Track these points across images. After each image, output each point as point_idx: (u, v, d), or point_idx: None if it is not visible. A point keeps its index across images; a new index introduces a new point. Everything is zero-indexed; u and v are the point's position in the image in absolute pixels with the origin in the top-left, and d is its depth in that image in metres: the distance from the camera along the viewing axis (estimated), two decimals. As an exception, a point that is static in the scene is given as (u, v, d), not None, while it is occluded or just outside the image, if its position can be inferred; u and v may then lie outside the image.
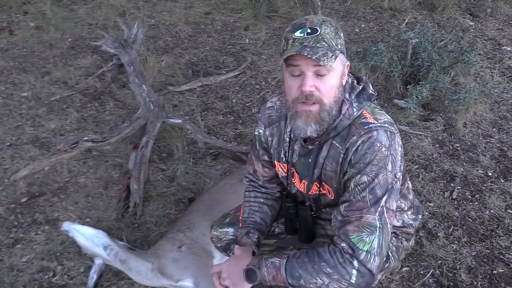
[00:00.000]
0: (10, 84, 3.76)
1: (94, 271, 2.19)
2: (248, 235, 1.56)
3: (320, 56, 1.20)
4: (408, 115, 3.32)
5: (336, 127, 1.34)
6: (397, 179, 1.32)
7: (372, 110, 1.36)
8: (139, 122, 2.96)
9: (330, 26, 1.27)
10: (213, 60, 4.16)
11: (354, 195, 1.29)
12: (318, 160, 1.41)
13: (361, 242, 1.25)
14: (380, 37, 4.47)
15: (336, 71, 1.28)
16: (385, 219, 1.28)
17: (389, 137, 1.30)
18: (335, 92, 1.30)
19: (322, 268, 1.28)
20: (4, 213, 2.59)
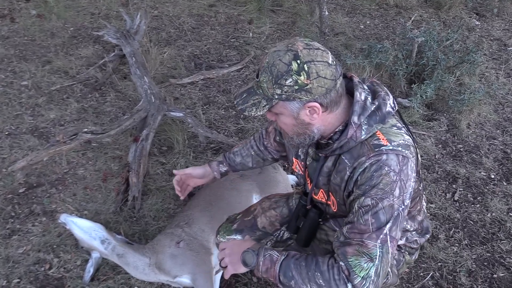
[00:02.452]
0: (10, 73, 3.72)
1: (90, 264, 2.16)
2: (220, 163, 1.79)
3: (247, 107, 1.25)
4: (412, 114, 3.29)
5: (342, 147, 1.28)
6: (404, 207, 1.25)
7: (388, 129, 1.27)
8: (139, 114, 2.93)
9: (269, 75, 1.19)
10: (216, 53, 4.12)
11: (357, 217, 1.24)
12: (323, 169, 1.38)
13: (358, 267, 1.21)
14: (385, 34, 4.42)
15: (283, 114, 1.27)
16: (387, 247, 1.22)
17: (400, 162, 1.23)
18: (292, 129, 1.30)
19: (316, 277, 1.25)
20: (1, 203, 2.56)
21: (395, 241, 1.24)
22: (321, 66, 1.18)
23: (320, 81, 1.19)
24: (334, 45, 4.18)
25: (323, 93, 1.20)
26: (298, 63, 1.17)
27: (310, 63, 1.18)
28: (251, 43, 4.26)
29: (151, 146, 2.88)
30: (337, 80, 1.22)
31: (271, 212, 1.76)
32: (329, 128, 1.30)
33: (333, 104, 1.24)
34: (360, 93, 1.27)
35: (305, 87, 1.18)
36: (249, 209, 1.83)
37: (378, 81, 1.37)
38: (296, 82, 1.18)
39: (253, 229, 1.75)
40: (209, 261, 2.08)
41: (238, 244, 1.46)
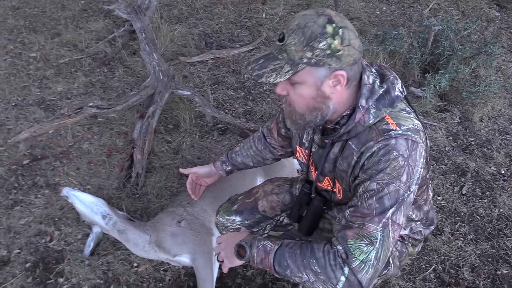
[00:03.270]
0: (19, 44, 3.70)
1: (91, 239, 2.16)
2: (223, 163, 1.82)
3: (264, 73, 1.16)
4: (424, 105, 3.22)
5: (350, 132, 1.24)
6: (410, 192, 1.21)
7: (397, 114, 1.23)
8: (147, 91, 2.89)
9: (301, 36, 1.12)
10: (227, 33, 4.06)
11: (361, 201, 1.20)
12: (329, 155, 1.34)
13: (358, 250, 1.17)
14: (401, 21, 4.32)
15: (305, 84, 1.18)
16: (388, 231, 1.19)
17: (409, 147, 1.18)
18: (308, 102, 1.21)
19: (311, 264, 1.21)
20: (4, 174, 2.56)
21: (396, 225, 1.20)
22: (352, 35, 1.14)
23: (350, 50, 1.13)
24: (348, 30, 4.08)
25: (350, 63, 1.15)
26: (333, 27, 1.11)
27: (344, 29, 1.12)
28: (264, 24, 4.18)
29: (157, 124, 2.85)
30: (361, 53, 1.17)
31: (273, 197, 1.73)
32: (340, 108, 1.25)
33: (353, 79, 1.20)
34: (368, 76, 1.23)
35: (337, 53, 1.12)
36: (251, 191, 1.81)
37: (386, 65, 1.32)
38: (329, 46, 1.11)
39: (253, 211, 1.72)
40: (209, 241, 2.06)
41: (233, 236, 1.44)
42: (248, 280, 2.10)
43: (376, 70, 1.29)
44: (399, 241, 1.53)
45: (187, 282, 2.10)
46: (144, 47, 3.22)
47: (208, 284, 1.95)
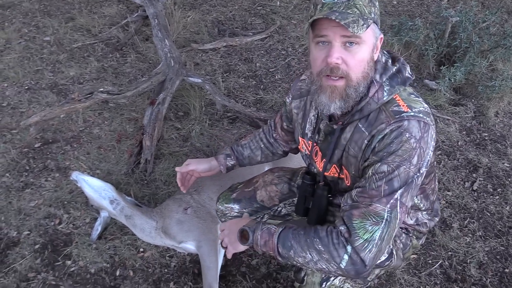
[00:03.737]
0: (33, 27, 3.72)
1: (99, 223, 2.18)
2: (227, 157, 1.71)
3: (349, 22, 1.09)
4: (438, 98, 3.16)
5: (362, 110, 1.23)
6: (419, 174, 1.21)
7: (407, 96, 1.23)
8: (158, 77, 2.89)
9: None
10: (240, 21, 4.02)
11: (370, 182, 1.20)
12: (340, 141, 1.32)
13: (362, 229, 1.17)
14: (418, 12, 4.23)
15: (366, 43, 1.15)
16: (395, 213, 1.19)
17: (421, 129, 1.18)
18: (364, 67, 1.17)
19: (315, 243, 1.22)
20: (16, 157, 2.60)
21: (404, 207, 1.20)
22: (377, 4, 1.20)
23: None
24: (364, 19, 4.01)
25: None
26: None
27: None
28: (278, 12, 4.13)
29: (167, 111, 2.86)
30: None
31: (272, 187, 1.72)
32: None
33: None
34: (381, 55, 1.25)
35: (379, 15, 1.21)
36: (251, 180, 1.80)
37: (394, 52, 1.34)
38: (377, 7, 1.19)
39: (251, 201, 1.73)
40: (215, 229, 2.07)
41: (236, 223, 1.45)
42: (252, 269, 2.11)
43: (387, 51, 1.30)
44: (404, 233, 1.52)
45: (192, 269, 2.11)
46: (157, 33, 3.22)
47: (213, 271, 1.96)
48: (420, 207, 1.47)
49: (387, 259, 1.45)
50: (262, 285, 2.04)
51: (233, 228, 1.43)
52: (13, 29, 3.67)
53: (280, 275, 2.08)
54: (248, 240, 1.35)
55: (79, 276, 2.06)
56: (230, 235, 1.43)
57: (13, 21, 3.80)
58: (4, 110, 2.93)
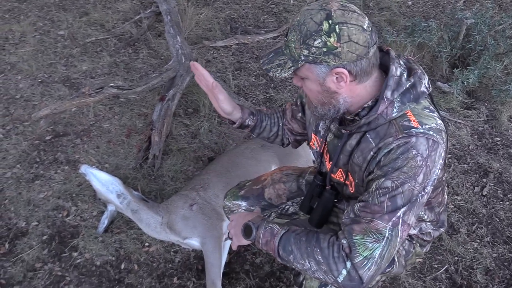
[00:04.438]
0: (48, 21, 3.77)
1: (106, 216, 2.21)
2: (250, 114, 1.58)
3: (272, 67, 1.19)
4: (450, 101, 3.12)
5: (370, 123, 1.20)
6: (425, 193, 1.18)
7: (420, 111, 1.18)
8: (168, 74, 2.90)
9: (298, 33, 1.11)
10: (253, 18, 4.02)
11: (373, 197, 1.17)
12: (345, 147, 1.31)
13: (363, 246, 1.15)
14: (433, 13, 4.18)
15: (309, 79, 1.18)
16: (397, 231, 1.16)
17: (429, 147, 1.14)
18: (316, 96, 1.22)
19: (315, 253, 1.20)
20: (27, 149, 2.64)
21: (406, 225, 1.18)
22: (354, 30, 1.09)
23: (351, 46, 1.10)
24: (377, 20, 3.99)
25: (353, 59, 1.11)
26: (329, 23, 1.09)
27: (343, 25, 1.09)
28: (291, 11, 4.12)
29: (177, 107, 2.87)
30: (370, 47, 1.12)
31: (280, 185, 1.72)
32: (357, 101, 1.22)
33: (363, 74, 1.15)
34: (396, 68, 1.19)
35: (334, 50, 1.10)
36: (260, 177, 1.80)
37: (414, 59, 1.28)
38: (325, 43, 1.09)
39: (259, 198, 1.73)
40: (220, 227, 2.07)
41: (244, 216, 1.45)
42: (256, 267, 2.11)
43: (404, 63, 1.24)
44: (407, 240, 1.50)
45: (196, 265, 2.12)
46: (169, 29, 3.23)
47: (216, 268, 1.97)
48: (424, 219, 1.45)
49: (388, 266, 1.43)
50: (265, 283, 2.04)
51: (240, 220, 1.43)
52: (28, 23, 3.73)
53: (283, 274, 2.08)
54: (251, 236, 1.35)
55: (85, 268, 2.09)
56: (236, 227, 1.43)
57: (28, 15, 3.85)
58: (17, 102, 2.97)
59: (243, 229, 1.38)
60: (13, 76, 3.19)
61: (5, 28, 3.66)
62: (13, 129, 2.77)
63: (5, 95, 3.03)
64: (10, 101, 2.98)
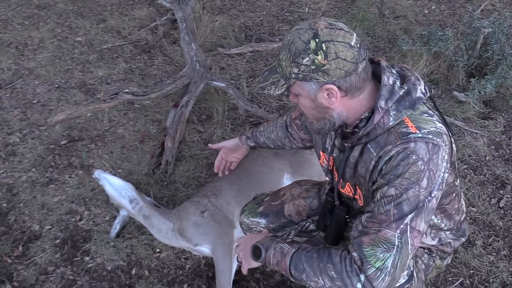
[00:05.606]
0: (66, 28, 3.84)
1: (118, 221, 2.22)
2: (247, 139, 1.84)
3: (266, 85, 1.23)
4: (466, 110, 3.07)
5: (369, 134, 1.21)
6: (432, 197, 1.16)
7: (418, 117, 1.19)
8: (182, 80, 2.92)
9: (288, 52, 1.15)
10: (268, 26, 4.03)
11: (378, 206, 1.16)
12: (349, 159, 1.31)
13: (374, 257, 1.14)
14: (450, 22, 4.14)
15: (302, 95, 1.22)
16: (406, 238, 1.14)
17: (430, 150, 1.14)
18: (310, 111, 1.26)
19: (328, 269, 1.19)
20: (43, 153, 2.67)
21: (416, 232, 1.16)
22: (341, 47, 1.12)
23: (338, 63, 1.12)
24: (393, 28, 3.96)
25: (342, 76, 1.14)
26: (316, 42, 1.12)
27: (329, 43, 1.12)
28: (306, 19, 4.11)
29: (191, 114, 2.88)
30: (358, 63, 1.14)
31: (300, 201, 1.70)
32: (353, 114, 1.23)
33: (354, 89, 1.18)
34: (388, 77, 1.20)
35: (322, 67, 1.13)
36: (278, 192, 1.79)
37: (408, 67, 1.28)
38: (313, 61, 1.13)
39: (279, 215, 1.71)
40: (231, 234, 2.07)
41: (251, 238, 1.45)
42: (266, 276, 2.10)
43: (397, 71, 1.25)
44: (426, 253, 1.47)
45: (207, 272, 2.12)
46: (184, 36, 3.26)
47: (227, 276, 1.96)
48: (442, 227, 1.42)
49: (406, 282, 1.39)
50: (276, 292, 2.03)
51: (248, 243, 1.42)
52: (47, 29, 3.80)
53: (294, 284, 2.06)
54: (260, 258, 1.34)
55: (96, 272, 2.10)
56: (245, 250, 1.42)
57: (47, 21, 3.93)
58: (34, 107, 3.03)
59: (252, 251, 1.37)
60: (31, 81, 3.25)
61: (25, 34, 3.74)
62: (29, 133, 2.82)
63: (22, 100, 3.09)
64: (27, 106, 3.04)
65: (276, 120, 1.80)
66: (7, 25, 3.90)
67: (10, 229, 2.27)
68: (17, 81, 3.25)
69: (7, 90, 3.17)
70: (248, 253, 1.39)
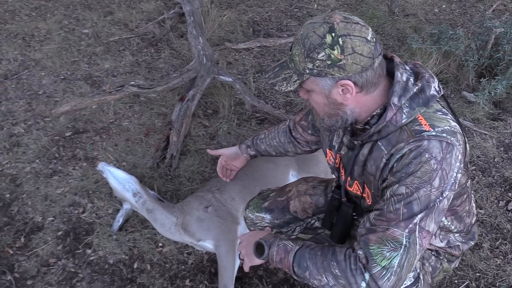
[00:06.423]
0: (73, 19, 3.82)
1: (121, 214, 2.20)
2: (248, 147, 1.79)
3: (277, 81, 1.19)
4: (476, 111, 3.03)
5: (380, 132, 1.18)
6: (443, 198, 1.13)
7: (432, 114, 1.15)
8: (189, 74, 2.90)
9: (302, 47, 1.11)
10: (276, 22, 4.00)
11: (388, 204, 1.13)
12: (359, 157, 1.28)
13: (380, 256, 1.11)
14: (460, 21, 4.08)
15: (315, 91, 1.18)
16: (414, 238, 1.11)
17: (443, 149, 1.10)
18: (322, 108, 1.22)
19: (332, 267, 1.16)
20: (47, 144, 2.66)
21: (425, 232, 1.12)
22: (358, 42, 1.08)
23: (355, 58, 1.09)
24: (402, 26, 3.91)
25: (358, 71, 1.10)
26: (332, 36, 1.08)
27: (346, 37, 1.08)
28: (314, 15, 4.08)
29: (196, 108, 2.86)
30: (375, 58, 1.11)
31: (306, 198, 1.67)
32: (365, 111, 1.19)
33: (369, 85, 1.14)
34: (402, 73, 1.16)
35: (338, 62, 1.09)
36: (284, 188, 1.76)
37: (421, 64, 1.24)
38: (329, 56, 1.09)
39: (284, 211, 1.68)
40: (234, 230, 2.04)
41: (254, 235, 1.42)
42: (270, 273, 2.07)
43: (411, 68, 1.22)
44: (434, 255, 1.44)
45: (209, 268, 2.10)
46: (191, 30, 3.23)
47: (229, 272, 1.94)
48: (452, 229, 1.38)
49: (412, 284, 1.36)
50: (279, 290, 2.00)
51: (251, 240, 1.40)
52: (54, 21, 3.79)
53: (297, 281, 2.03)
54: (263, 255, 1.32)
55: (98, 265, 2.08)
56: (247, 247, 1.40)
57: (55, 13, 3.91)
58: (39, 98, 3.01)
59: (255, 248, 1.35)
60: (37, 72, 3.24)
61: (32, 25, 3.73)
62: (34, 124, 2.81)
63: (28, 91, 3.08)
64: (33, 97, 3.02)
65: (278, 126, 1.77)
66: (14, 16, 3.89)
67: (13, 220, 2.26)
68: (23, 72, 3.24)
69: (13, 81, 3.16)
70: (251, 250, 1.37)
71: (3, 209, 2.32)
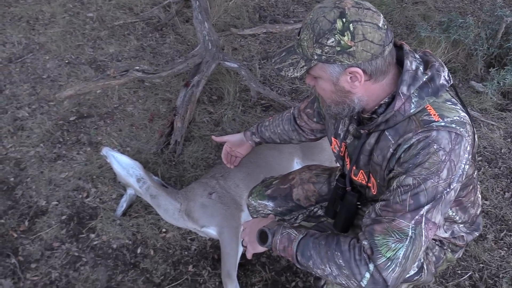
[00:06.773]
0: (78, 3, 3.78)
1: (124, 200, 2.20)
2: (252, 134, 1.78)
3: (284, 66, 1.15)
4: (484, 101, 2.99)
5: (388, 121, 1.15)
6: (451, 189, 1.11)
7: (441, 104, 1.13)
8: (194, 59, 2.87)
9: (311, 32, 1.08)
10: (283, 8, 3.95)
11: (394, 195, 1.12)
12: (365, 146, 1.26)
13: (385, 247, 1.10)
14: (470, 9, 4.01)
15: (322, 78, 1.15)
16: (420, 229, 1.10)
17: (452, 140, 1.08)
18: (329, 95, 1.19)
19: (335, 257, 1.15)
20: (51, 128, 2.65)
21: (431, 224, 1.11)
22: (369, 28, 1.05)
23: (365, 45, 1.06)
24: (411, 14, 3.85)
25: (368, 58, 1.07)
26: (343, 22, 1.05)
27: (357, 23, 1.05)
28: (321, 1, 4.02)
29: (201, 94, 2.84)
30: (385, 46, 1.08)
31: (310, 186, 1.66)
32: (373, 100, 1.17)
33: (378, 73, 1.11)
34: (411, 61, 1.13)
35: (348, 49, 1.06)
36: (287, 176, 1.75)
37: (431, 52, 1.21)
38: (339, 42, 1.06)
39: (287, 199, 1.67)
40: (238, 217, 2.04)
41: (257, 222, 1.41)
42: (273, 260, 2.07)
43: (420, 56, 1.19)
44: (438, 245, 1.43)
45: (212, 254, 2.10)
46: (197, 15, 3.19)
47: (232, 258, 1.94)
48: (456, 220, 1.37)
49: (416, 274, 1.36)
50: (281, 277, 2.01)
51: (254, 227, 1.39)
52: (58, 4, 3.75)
53: (300, 269, 2.03)
54: (267, 243, 1.31)
55: (101, 250, 2.09)
56: (251, 235, 1.39)
57: (59, -4, 3.88)
58: (43, 82, 3.00)
59: (258, 236, 1.34)
60: (41, 56, 3.22)
61: (36, 9, 3.69)
62: (38, 108, 2.80)
63: (32, 75, 3.06)
64: (37, 81, 3.01)
65: (282, 114, 1.75)
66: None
67: (17, 204, 2.27)
68: (27, 55, 3.22)
69: (17, 64, 3.15)
70: (254, 237, 1.36)
71: (8, 192, 2.32)
